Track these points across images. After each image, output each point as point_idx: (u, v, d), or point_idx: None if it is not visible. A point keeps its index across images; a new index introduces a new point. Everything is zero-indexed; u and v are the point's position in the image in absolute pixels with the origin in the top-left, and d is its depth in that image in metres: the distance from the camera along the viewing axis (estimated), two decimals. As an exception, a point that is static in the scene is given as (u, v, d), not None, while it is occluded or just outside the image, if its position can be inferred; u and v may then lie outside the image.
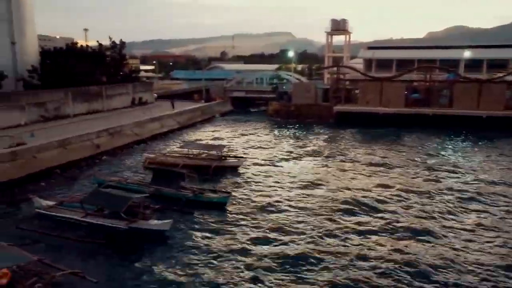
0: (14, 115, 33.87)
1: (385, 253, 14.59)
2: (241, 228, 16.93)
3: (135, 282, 12.72)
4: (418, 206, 19.58)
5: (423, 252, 14.64)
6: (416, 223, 17.45)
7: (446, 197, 20.81)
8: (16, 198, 20.15)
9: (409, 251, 14.80)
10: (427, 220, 17.85)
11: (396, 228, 16.89)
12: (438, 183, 23.47)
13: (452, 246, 15.20)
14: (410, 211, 18.91)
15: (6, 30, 39.37)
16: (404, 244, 15.39)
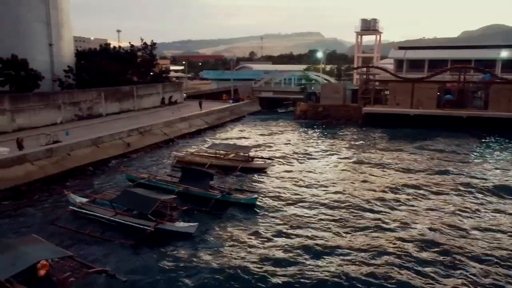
0: (51, 114, 35.33)
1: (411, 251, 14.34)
2: (269, 230, 16.93)
3: (161, 283, 12.96)
4: (446, 210, 19.07)
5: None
6: (442, 223, 17.02)
7: (481, 207, 19.98)
8: (52, 195, 21.01)
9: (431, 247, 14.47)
10: (450, 219, 17.36)
11: (421, 231, 16.53)
12: (471, 189, 22.52)
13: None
14: (436, 213, 18.46)
15: (45, 32, 41.04)
16: (430, 242, 15.08)
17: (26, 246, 11.47)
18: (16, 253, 11.08)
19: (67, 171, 24.07)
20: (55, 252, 11.72)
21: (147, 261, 14.25)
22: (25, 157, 22.38)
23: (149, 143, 32.79)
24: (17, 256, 10.98)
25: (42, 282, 11.17)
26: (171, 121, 38.48)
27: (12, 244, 11.68)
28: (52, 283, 11.23)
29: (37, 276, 11.25)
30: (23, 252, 11.11)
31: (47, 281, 11.24)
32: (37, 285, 11.02)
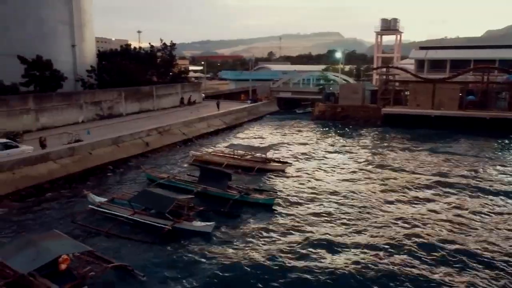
0: (73, 113, 36.18)
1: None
2: (287, 230, 16.92)
3: (177, 280, 13.11)
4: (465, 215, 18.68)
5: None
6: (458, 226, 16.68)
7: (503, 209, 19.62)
8: (73, 193, 21.49)
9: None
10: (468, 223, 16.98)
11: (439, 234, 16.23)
12: (494, 195, 21.83)
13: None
14: (454, 215, 18.10)
15: (68, 33, 42.02)
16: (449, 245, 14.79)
17: (48, 241, 11.82)
18: (39, 248, 11.44)
19: (88, 170, 24.57)
20: (76, 247, 12.04)
21: (164, 258, 14.44)
22: (48, 155, 22.97)
23: (168, 143, 33.16)
24: (39, 251, 11.32)
25: (64, 276, 11.50)
26: (189, 121, 38.83)
27: (35, 239, 12.04)
28: (73, 276, 11.56)
29: (58, 270, 11.56)
30: (45, 247, 11.45)
31: (68, 274, 11.58)
32: (58, 279, 11.33)
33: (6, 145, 22.27)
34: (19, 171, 20.83)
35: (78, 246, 12.08)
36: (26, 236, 12.72)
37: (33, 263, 10.98)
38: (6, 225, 16.93)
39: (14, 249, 11.72)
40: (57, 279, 11.33)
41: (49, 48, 38.73)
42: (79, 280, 11.43)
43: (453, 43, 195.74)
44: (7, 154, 21.64)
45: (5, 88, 32.76)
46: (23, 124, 31.22)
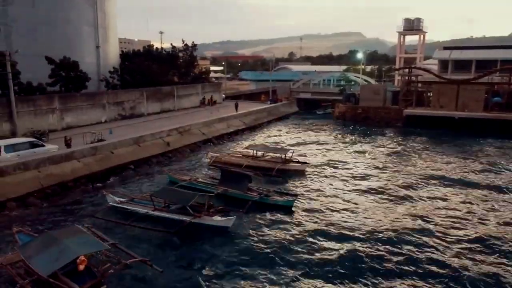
0: (96, 113, 37.02)
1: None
2: (306, 231, 16.93)
3: (196, 274, 13.28)
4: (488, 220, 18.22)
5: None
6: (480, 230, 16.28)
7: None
8: (95, 191, 22.03)
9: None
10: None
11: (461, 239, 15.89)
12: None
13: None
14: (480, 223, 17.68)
15: (92, 35, 43.02)
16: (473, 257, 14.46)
17: (69, 239, 12.08)
18: (60, 247, 11.73)
19: (109, 169, 25.10)
20: (96, 244, 12.26)
21: (184, 251, 14.78)
22: (72, 154, 23.59)
23: (188, 143, 33.52)
24: (60, 251, 11.60)
25: (83, 274, 11.77)
26: (209, 121, 39.14)
27: (56, 237, 12.33)
28: (93, 274, 11.85)
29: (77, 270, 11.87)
30: (67, 246, 11.73)
31: (87, 273, 11.85)
32: (78, 277, 11.62)
33: (32, 144, 22.97)
34: (44, 169, 21.46)
35: (98, 244, 12.32)
36: (48, 234, 13.02)
37: (54, 265, 11.26)
38: (31, 222, 17.48)
39: (36, 248, 12.05)
40: (77, 278, 11.60)
41: (74, 49, 39.72)
42: (99, 278, 11.71)
43: (479, 43, 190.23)
44: (33, 153, 22.33)
45: (33, 88, 33.77)
46: (49, 124, 32.15)
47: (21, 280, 11.71)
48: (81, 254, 11.64)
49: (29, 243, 12.69)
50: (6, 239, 15.39)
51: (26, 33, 37.53)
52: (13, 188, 19.47)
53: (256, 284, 12.82)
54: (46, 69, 35.67)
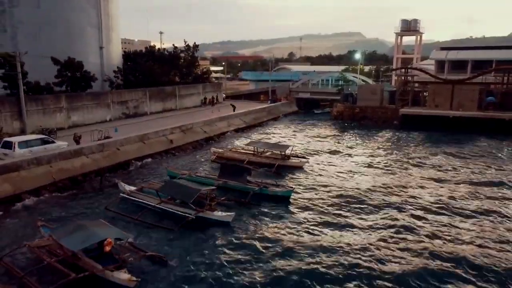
0: (101, 112, 38.22)
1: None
2: (303, 220, 18.12)
3: (200, 265, 14.31)
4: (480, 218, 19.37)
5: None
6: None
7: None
8: (104, 185, 23.22)
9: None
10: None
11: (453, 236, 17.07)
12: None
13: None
14: (470, 220, 18.85)
15: (96, 36, 44.17)
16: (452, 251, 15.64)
17: (95, 227, 13.43)
18: (87, 232, 13.05)
19: (116, 165, 26.28)
20: (118, 233, 13.59)
21: (188, 245, 15.80)
22: (81, 150, 24.75)
23: (191, 141, 34.69)
24: (88, 234, 12.93)
25: (107, 258, 13.01)
26: (211, 120, 40.30)
27: (84, 224, 13.67)
28: (115, 259, 13.09)
29: (103, 252, 13.08)
30: (93, 231, 13.05)
31: (110, 258, 13.10)
32: (102, 261, 12.85)
33: (43, 140, 24.13)
34: (56, 165, 22.62)
35: (121, 233, 13.66)
36: (76, 222, 14.41)
37: (83, 243, 12.58)
38: (46, 212, 18.65)
39: (66, 231, 13.36)
40: (101, 261, 12.87)
41: (79, 50, 40.83)
42: (120, 263, 12.94)
43: (479, 43, 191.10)
44: (45, 149, 23.48)
45: (41, 88, 34.92)
46: (56, 122, 33.35)
47: (48, 259, 12.89)
48: (108, 237, 12.89)
49: (60, 228, 14.03)
50: (27, 228, 16.59)
51: (31, 34, 38.69)
52: (27, 182, 20.63)
53: (257, 270, 13.95)
54: (51, 69, 36.72)
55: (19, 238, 15.55)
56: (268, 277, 13.37)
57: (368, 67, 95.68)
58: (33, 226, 16.11)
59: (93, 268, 12.52)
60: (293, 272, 13.64)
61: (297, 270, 13.76)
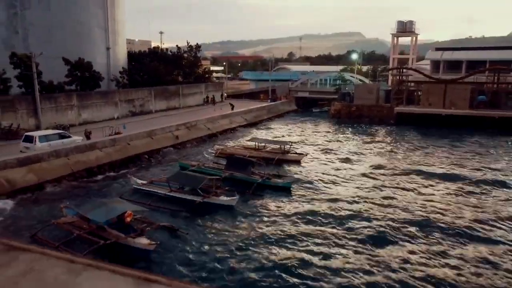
0: (109, 110, 40.16)
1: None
2: (302, 207, 20.02)
3: (207, 242, 16.25)
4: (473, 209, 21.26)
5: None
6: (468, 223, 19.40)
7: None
8: (117, 176, 25.20)
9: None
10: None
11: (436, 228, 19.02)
12: (497, 190, 23.56)
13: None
14: (460, 212, 20.79)
15: (103, 37, 46.11)
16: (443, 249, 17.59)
17: (115, 203, 15.48)
18: (109, 207, 15.14)
19: (127, 158, 28.22)
20: (135, 207, 15.70)
21: (196, 222, 17.80)
22: (95, 144, 26.70)
23: (195, 137, 36.66)
24: (110, 208, 15.03)
25: (128, 229, 14.99)
26: (213, 118, 42.25)
27: (105, 202, 15.78)
28: (134, 229, 15.10)
29: (124, 224, 15.07)
30: (114, 206, 15.14)
31: (131, 228, 15.12)
32: (124, 231, 14.84)
33: (60, 135, 26.08)
34: (73, 157, 24.56)
35: (136, 206, 15.73)
36: (98, 200, 16.44)
37: (107, 215, 14.71)
38: (67, 198, 20.60)
39: (91, 207, 15.47)
40: (122, 231, 14.87)
41: (87, 50, 42.77)
42: (139, 232, 14.95)
43: (479, 43, 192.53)
44: (62, 143, 25.42)
45: (53, 87, 36.86)
46: (68, 119, 35.29)
47: (77, 232, 14.87)
48: (128, 210, 14.93)
49: (84, 205, 16.11)
50: (53, 210, 18.56)
51: (42, 35, 40.58)
52: (48, 172, 22.58)
53: (255, 241, 15.91)
54: (60, 69, 38.54)
55: (46, 218, 17.52)
56: (265, 249, 15.34)
57: (366, 67, 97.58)
58: (58, 208, 18.04)
59: (117, 237, 14.49)
60: (286, 247, 15.64)
61: (292, 247, 15.74)
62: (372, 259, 14.71)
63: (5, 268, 8.15)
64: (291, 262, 14.37)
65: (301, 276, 13.51)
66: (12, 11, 41.76)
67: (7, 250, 9.38)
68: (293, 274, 13.61)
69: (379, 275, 13.63)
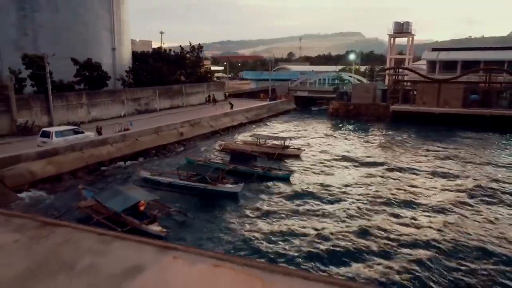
0: (117, 108, 41.98)
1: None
2: (300, 195, 21.91)
3: (214, 224, 18.08)
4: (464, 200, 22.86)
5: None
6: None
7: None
8: (128, 168, 27.04)
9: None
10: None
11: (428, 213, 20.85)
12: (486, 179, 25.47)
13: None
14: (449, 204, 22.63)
15: (109, 39, 47.90)
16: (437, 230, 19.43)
17: (130, 191, 17.21)
18: (125, 195, 16.82)
19: (136, 153, 30.03)
20: (149, 195, 17.48)
21: (204, 207, 19.60)
22: (106, 140, 28.51)
23: (199, 134, 38.47)
24: (125, 197, 16.68)
25: (141, 215, 16.76)
26: (216, 116, 44.06)
27: (121, 190, 17.48)
28: (147, 216, 16.83)
29: (138, 211, 16.85)
30: (129, 195, 16.83)
31: (144, 215, 16.86)
32: (138, 217, 16.60)
33: (74, 131, 27.89)
34: (87, 151, 26.37)
35: (150, 194, 17.55)
36: (114, 188, 18.18)
37: (123, 205, 16.39)
38: (80, 186, 22.41)
39: (108, 196, 17.19)
40: (137, 218, 16.63)
41: (94, 51, 44.48)
42: (152, 218, 16.72)
43: (479, 43, 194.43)
44: (76, 138, 27.23)
45: (63, 86, 38.66)
46: (78, 117, 37.11)
47: (96, 217, 16.66)
48: (141, 200, 16.68)
49: (102, 193, 17.83)
50: (73, 197, 20.38)
51: (50, 37, 42.35)
52: (65, 164, 24.38)
53: (256, 225, 17.72)
54: (67, 69, 40.05)
55: (68, 203, 19.34)
56: (265, 229, 17.18)
57: (364, 67, 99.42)
58: (77, 190, 19.91)
59: (132, 223, 16.26)
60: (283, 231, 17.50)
61: (290, 227, 17.59)
62: (355, 227, 16.99)
63: (44, 239, 9.97)
64: (289, 232, 16.67)
65: (296, 243, 15.77)
66: (22, 14, 43.58)
67: (43, 225, 11.20)
68: (289, 241, 15.88)
69: (362, 239, 16.13)
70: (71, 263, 8.96)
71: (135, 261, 8.71)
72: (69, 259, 9.00)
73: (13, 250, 9.51)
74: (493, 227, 17.59)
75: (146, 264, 8.67)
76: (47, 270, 8.31)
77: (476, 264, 14.40)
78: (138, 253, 9.30)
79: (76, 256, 9.21)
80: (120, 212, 16.45)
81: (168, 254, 9.33)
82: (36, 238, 10.69)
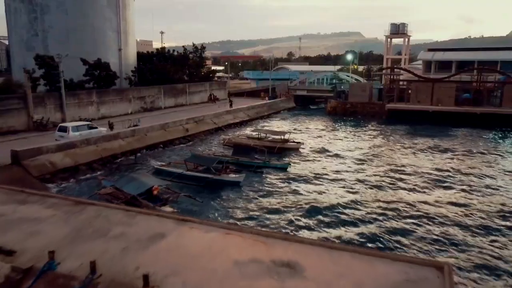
0: (124, 106, 44.03)
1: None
2: (296, 183, 23.99)
3: (218, 211, 20.07)
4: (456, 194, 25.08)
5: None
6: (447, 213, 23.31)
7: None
8: (138, 160, 29.12)
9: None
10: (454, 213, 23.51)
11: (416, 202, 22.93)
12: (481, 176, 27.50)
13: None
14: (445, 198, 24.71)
15: (116, 39, 49.90)
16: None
17: (144, 178, 19.29)
18: (139, 181, 18.85)
19: (145, 147, 32.09)
20: (161, 181, 19.61)
21: (210, 194, 21.68)
22: (118, 134, 30.57)
23: (203, 130, 40.54)
24: (140, 183, 18.72)
25: (155, 199, 18.80)
26: (219, 113, 46.11)
27: (136, 177, 19.53)
28: (160, 199, 18.88)
29: (152, 195, 18.90)
30: (144, 181, 18.88)
31: (158, 198, 18.90)
32: (151, 201, 18.64)
33: (89, 126, 29.94)
34: (101, 145, 28.42)
35: (162, 181, 19.61)
36: (131, 175, 20.26)
37: (138, 189, 18.40)
38: (100, 177, 24.50)
39: (125, 181, 19.23)
40: (151, 201, 18.65)
41: (101, 51, 46.49)
42: (164, 201, 18.76)
43: (478, 43, 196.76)
44: (90, 133, 29.27)
45: (74, 85, 40.70)
46: (89, 114, 39.15)
47: (115, 201, 18.68)
48: (155, 185, 18.75)
49: (120, 180, 19.86)
50: (92, 185, 22.44)
51: (60, 37, 44.40)
52: (82, 157, 26.41)
53: (258, 206, 19.79)
54: (75, 68, 41.87)
55: (88, 191, 21.39)
56: (265, 209, 19.33)
57: (362, 67, 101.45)
58: (97, 180, 21.94)
59: (147, 206, 18.26)
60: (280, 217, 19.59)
61: (289, 209, 19.68)
62: (346, 201, 19.22)
63: (78, 214, 12.01)
64: (286, 207, 19.40)
65: (292, 215, 18.36)
66: (33, 15, 45.71)
67: (76, 204, 13.24)
68: (285, 214, 18.57)
69: (351, 209, 19.02)
70: (105, 231, 11.07)
71: (158, 230, 10.89)
72: (103, 228, 11.16)
73: (53, 221, 11.68)
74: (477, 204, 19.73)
75: (167, 232, 10.82)
76: (85, 235, 10.45)
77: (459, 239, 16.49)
78: (160, 224, 11.48)
79: (108, 226, 11.35)
80: (136, 196, 18.50)
81: (185, 225, 11.59)
82: (71, 213, 12.85)
